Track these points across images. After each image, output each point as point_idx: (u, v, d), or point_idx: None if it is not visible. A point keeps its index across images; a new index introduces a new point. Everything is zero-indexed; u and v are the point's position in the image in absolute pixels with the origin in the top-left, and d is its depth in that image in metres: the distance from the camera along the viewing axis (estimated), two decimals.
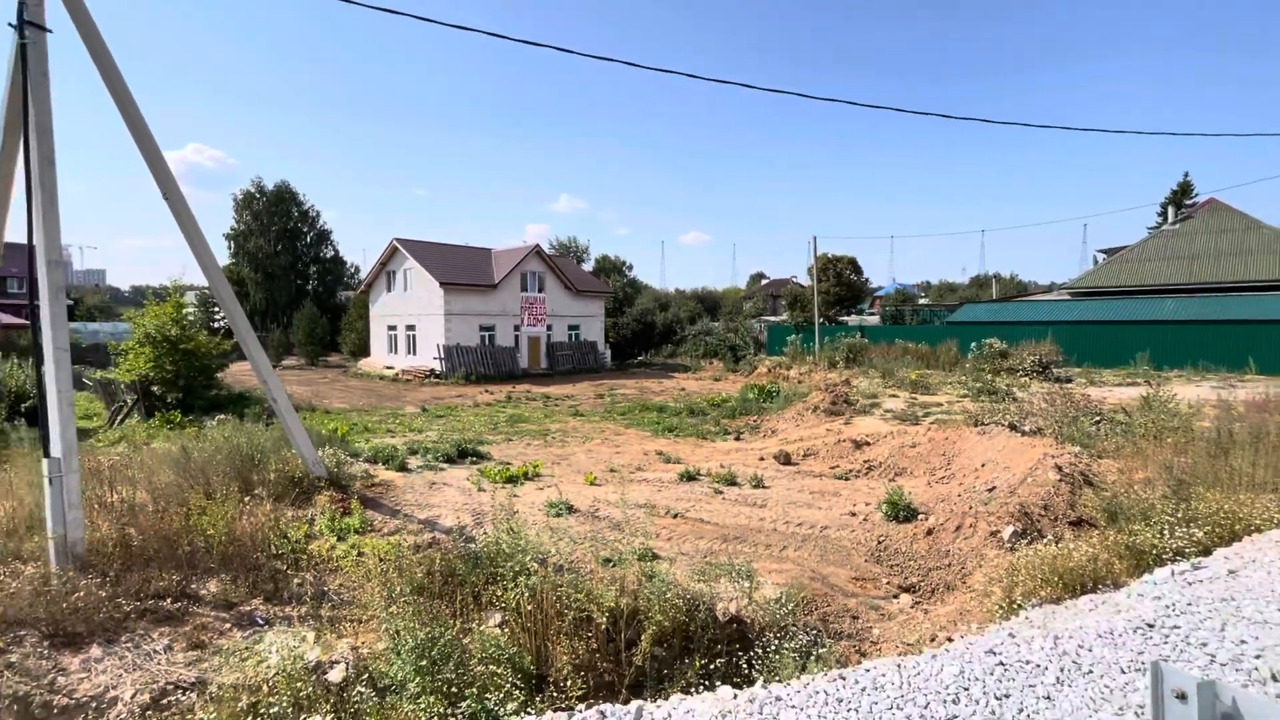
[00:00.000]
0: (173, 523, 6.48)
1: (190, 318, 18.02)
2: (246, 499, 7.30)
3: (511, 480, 10.06)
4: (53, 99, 6.26)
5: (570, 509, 8.59)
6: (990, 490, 8.58)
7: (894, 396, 18.00)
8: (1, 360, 17.27)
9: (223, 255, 52.22)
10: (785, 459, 12.13)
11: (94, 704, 4.60)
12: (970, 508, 8.11)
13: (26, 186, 6.09)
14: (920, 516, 8.58)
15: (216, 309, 46.94)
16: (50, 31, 6.34)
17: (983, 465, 9.98)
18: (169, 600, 5.69)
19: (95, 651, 5.01)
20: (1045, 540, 6.41)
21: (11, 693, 4.55)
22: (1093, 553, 5.30)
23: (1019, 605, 5.02)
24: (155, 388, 16.45)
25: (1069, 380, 20.18)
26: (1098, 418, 11.20)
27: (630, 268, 76.82)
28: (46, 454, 5.96)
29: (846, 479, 10.99)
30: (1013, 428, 11.23)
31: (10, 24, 6.17)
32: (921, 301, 60.45)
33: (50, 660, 4.88)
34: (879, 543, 7.91)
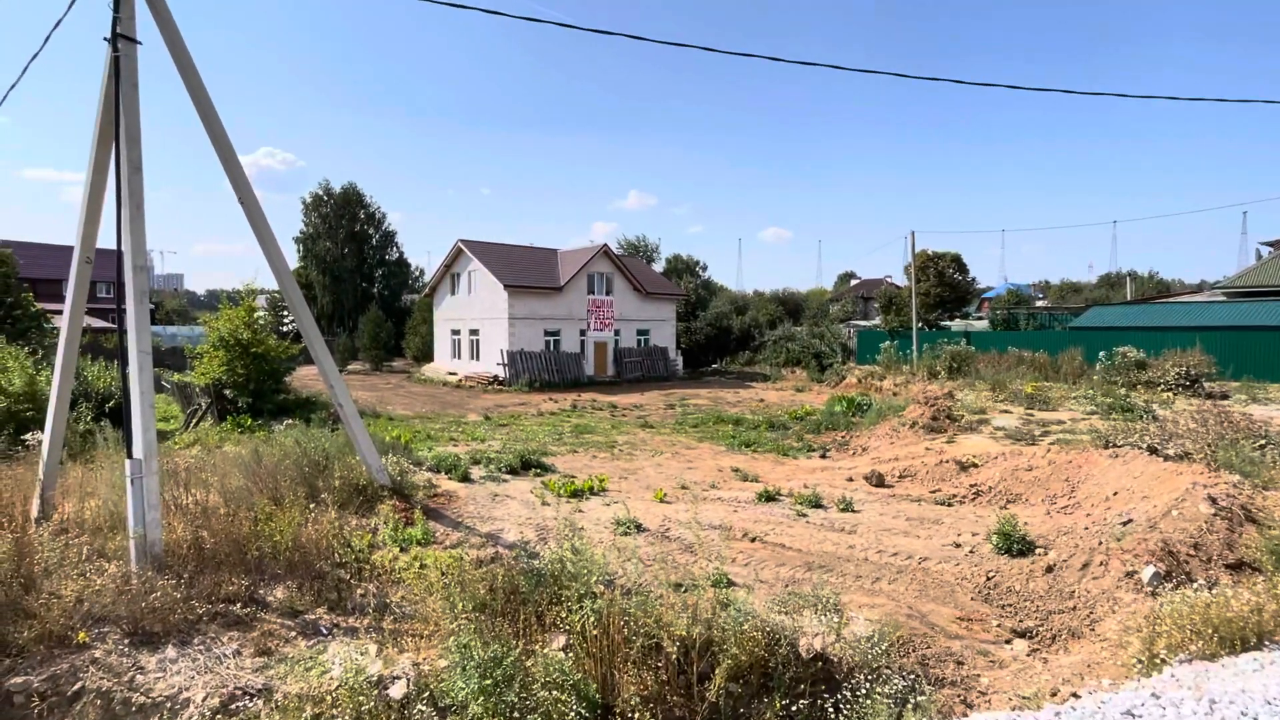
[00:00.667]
0: (242, 527, 6.98)
1: (261, 321, 19.45)
2: (312, 505, 7.76)
3: (576, 494, 10.21)
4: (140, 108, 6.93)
5: (638, 528, 8.61)
6: (1125, 523, 7.98)
7: (1005, 412, 17.12)
8: (90, 362, 19.10)
9: (292, 259, 56.03)
10: (878, 480, 11.73)
11: (169, 704, 4.96)
12: (1100, 543, 7.57)
13: (116, 194, 6.75)
14: (1038, 550, 8.05)
15: (285, 312, 50.33)
16: (140, 44, 7.03)
17: (1115, 494, 9.27)
18: (238, 605, 6.12)
19: (170, 652, 5.43)
20: (1195, 585, 6.01)
21: (96, 688, 4.99)
22: (1257, 602, 4.89)
23: (1162, 660, 4.71)
24: (227, 391, 17.84)
25: (1224, 396, 18.85)
26: (1263, 441, 10.37)
27: (704, 268, 76.52)
28: (130, 455, 6.55)
29: (949, 505, 10.50)
30: (1153, 451, 10.44)
31: (105, 38, 6.88)
32: (1038, 304, 57.10)
33: (130, 658, 5.33)
34: (988, 579, 7.48)
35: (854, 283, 79.78)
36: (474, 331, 35.85)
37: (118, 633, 5.54)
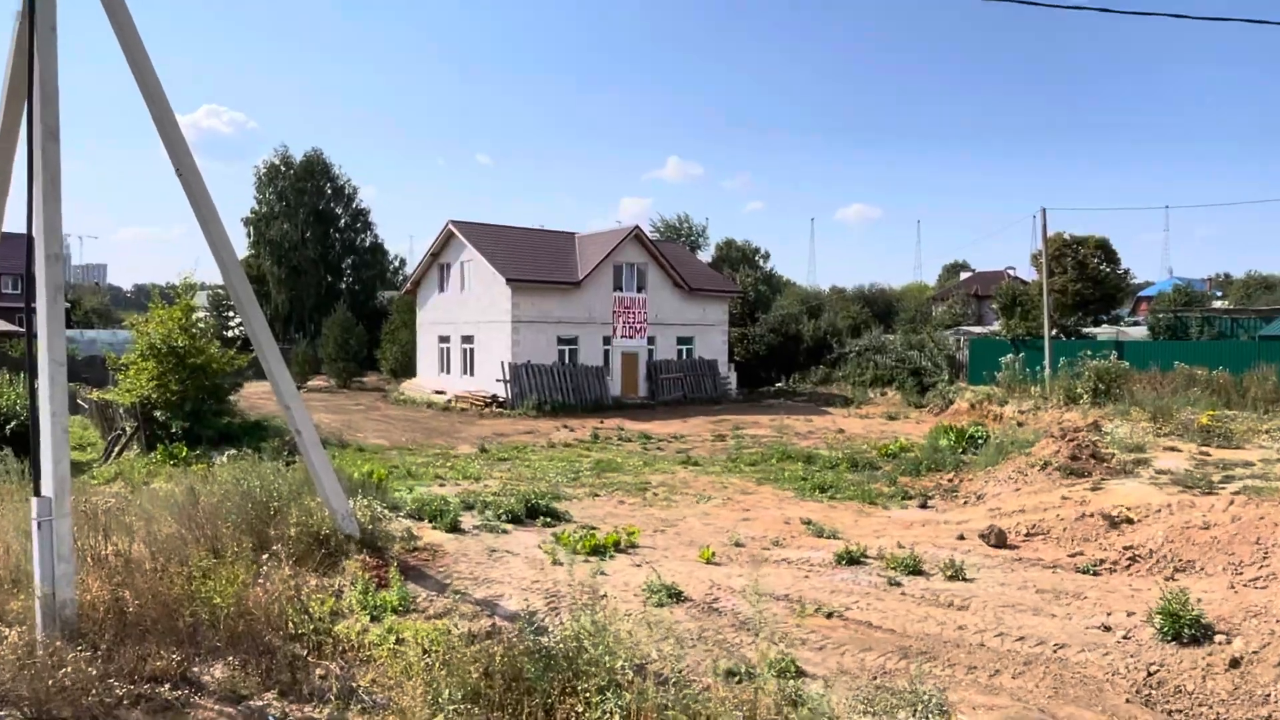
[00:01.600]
0: (174, 586, 7.13)
1: (201, 325, 20.02)
2: (261, 560, 7.90)
3: (597, 552, 10.21)
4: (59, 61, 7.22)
5: (678, 596, 8.58)
6: None
7: (1171, 450, 16.68)
8: None
9: (241, 245, 57.94)
10: (998, 539, 11.51)
11: None
12: None
13: (29, 166, 7.00)
14: (1217, 638, 7.76)
15: (231, 313, 51.92)
16: None
17: None
18: (167, 686, 6.22)
19: None
20: None
21: None
22: None
23: None
24: (158, 412, 18.36)
25: None
26: None
27: (764, 257, 76.57)
28: (37, 492, 6.73)
29: (1095, 573, 10.25)
30: None
31: None
32: (1216, 304, 55.65)
33: None
34: (1149, 674, 7.22)
35: (965, 276, 78.75)
36: (467, 339, 36.35)
37: (15, 717, 5.68)
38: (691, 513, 13.43)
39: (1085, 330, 39.68)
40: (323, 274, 56.01)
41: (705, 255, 67.14)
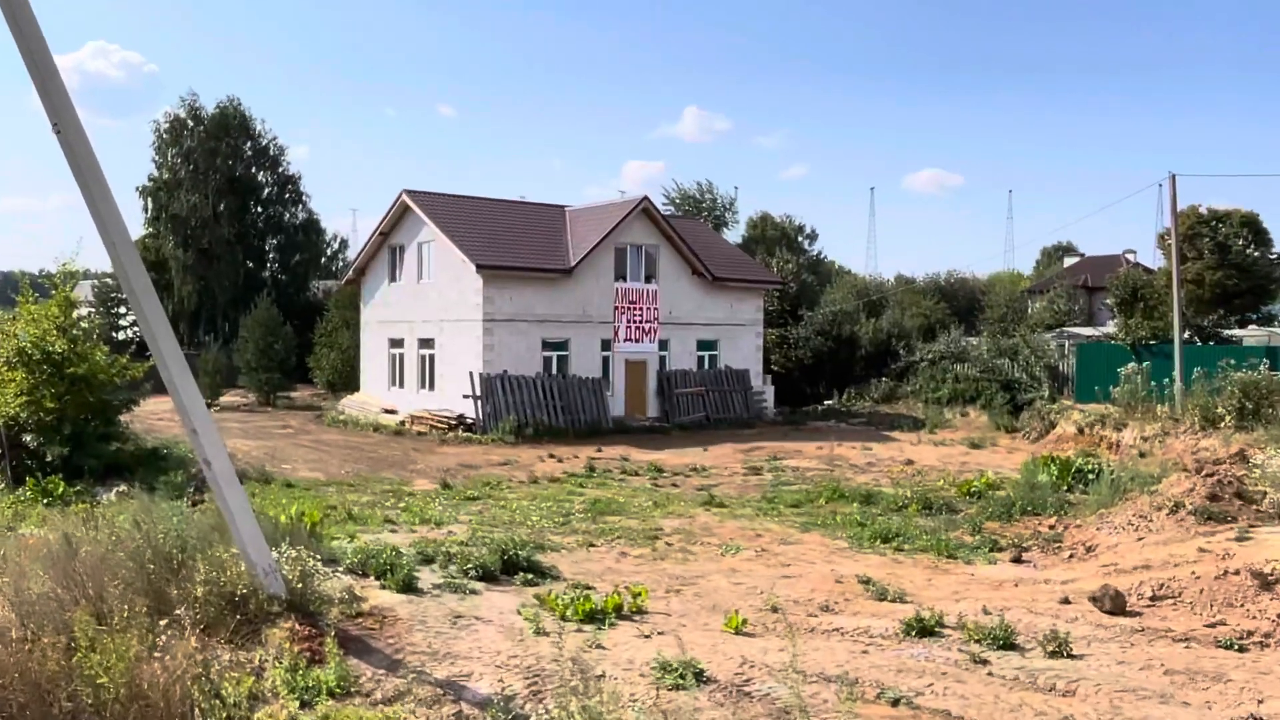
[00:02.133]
0: (47, 662, 7.14)
1: (85, 324, 20.12)
2: (160, 626, 7.91)
3: (594, 618, 10.21)
4: None
5: (699, 677, 8.55)
6: None
7: None
8: None
9: (135, 221, 58.31)
10: (1114, 603, 11.46)
11: None
12: None
13: None
14: None
15: (124, 308, 52.07)
16: None
17: None
18: None
19: None
20: None
21: None
22: None
23: None
24: (29, 436, 18.45)
25: None
26: None
27: (811, 237, 76.80)
28: None
29: (1241, 649, 10.20)
30: None
31: None
32: None
33: None
34: None
35: (1070, 263, 78.76)
36: (426, 342, 36.52)
37: None
38: (715, 568, 13.41)
39: (1228, 332, 39.57)
40: (240, 259, 56.32)
41: (734, 235, 67.36)
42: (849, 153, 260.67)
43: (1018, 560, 14.65)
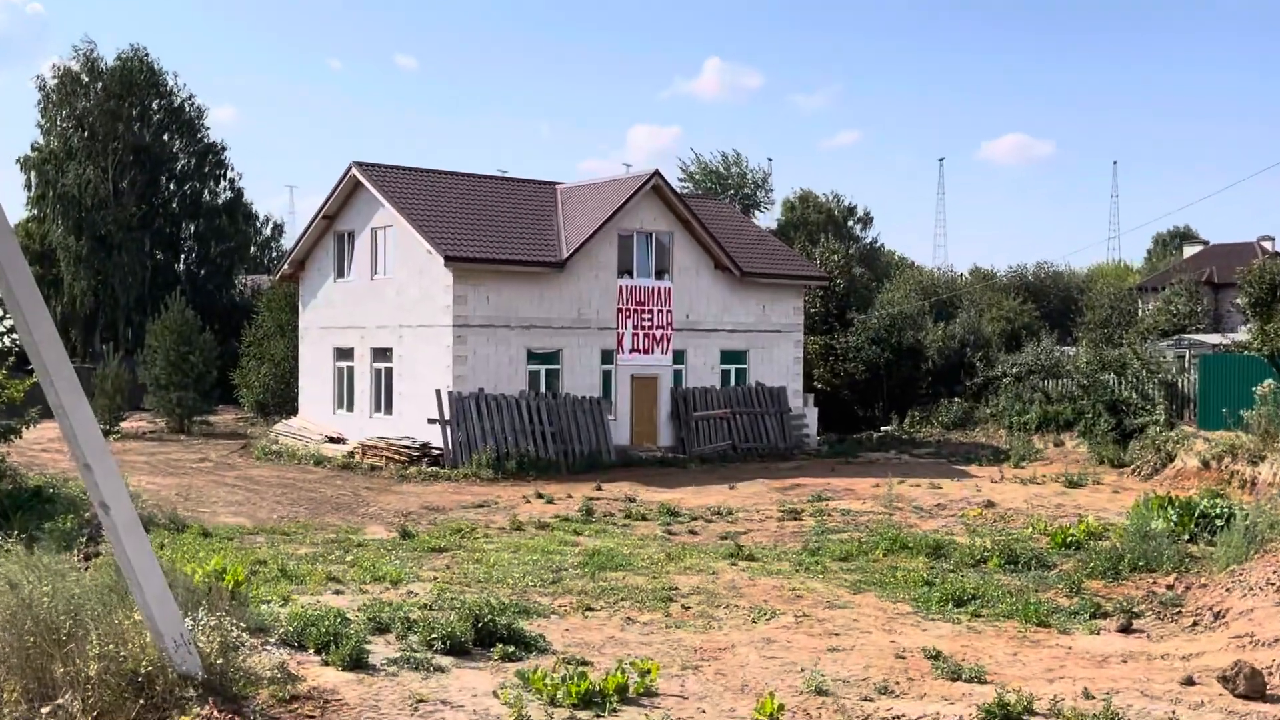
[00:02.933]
0: None
1: None
2: (41, 716, 7.84)
3: (591, 702, 10.12)
4: None
5: None
6: None
7: None
8: None
9: (15, 201, 58.34)
10: (1252, 685, 11.32)
11: None
12: None
13: None
14: None
15: (0, 309, 51.60)
16: None
17: None
18: None
19: None
20: None
21: None
22: None
23: None
24: None
25: None
26: None
27: (864, 220, 76.77)
28: None
29: None
30: None
31: None
32: None
33: None
34: None
35: (1192, 253, 78.59)
36: (382, 353, 36.58)
37: None
38: (744, 638, 13.31)
39: None
40: (148, 248, 56.53)
41: (768, 219, 67.41)
42: (911, 115, 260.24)
43: (1127, 629, 14.51)
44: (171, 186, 58.13)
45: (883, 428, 45.04)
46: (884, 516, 24.22)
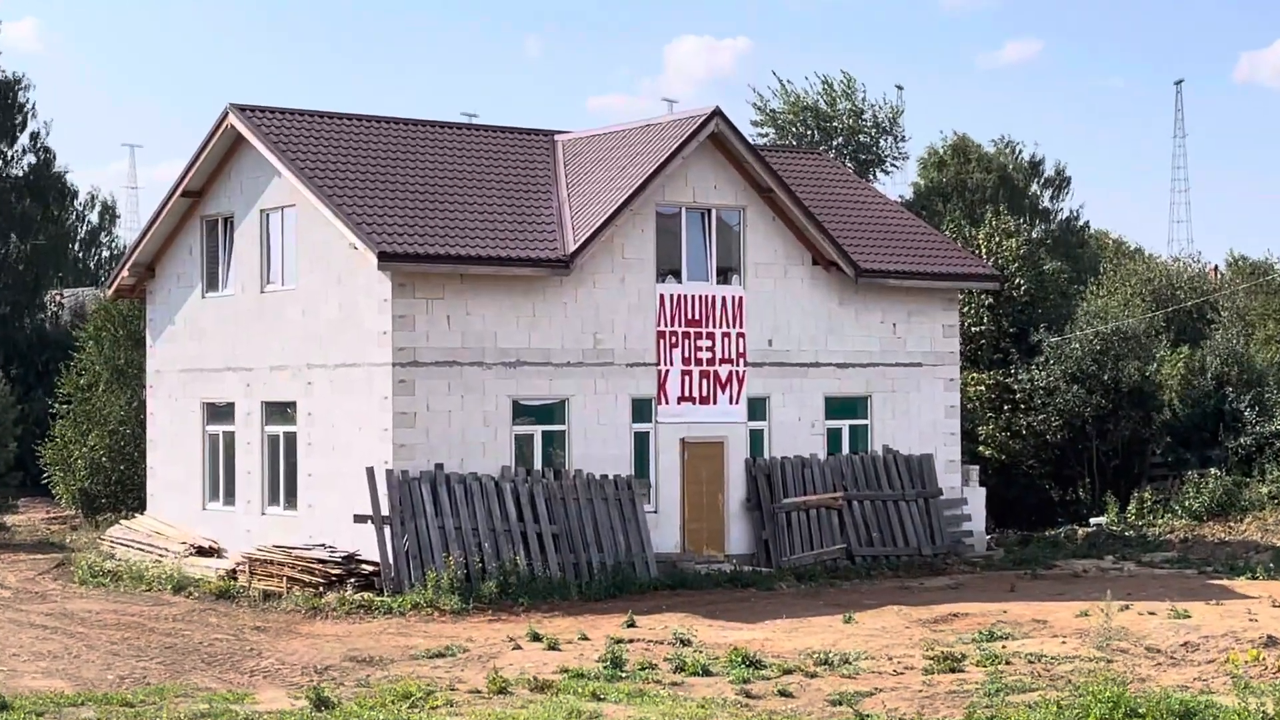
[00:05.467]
0: None
1: None
2: None
3: None
4: None
5: None
6: None
7: None
8: None
9: None
10: None
11: None
12: None
13: None
14: None
15: None
16: None
17: None
18: None
19: None
20: None
21: None
22: None
23: None
24: None
25: None
26: None
27: (1056, 182, 76.71)
28: None
29: None
30: None
31: None
32: None
33: None
34: None
35: None
36: (279, 410, 36.72)
37: None
38: None
39: None
40: None
41: (898, 185, 66.72)
42: (1126, 11, 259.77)
43: None
44: None
45: (1092, 519, 44.62)
46: (1098, 665, 24.02)
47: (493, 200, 36.71)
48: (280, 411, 36.61)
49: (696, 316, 36.99)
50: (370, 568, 32.56)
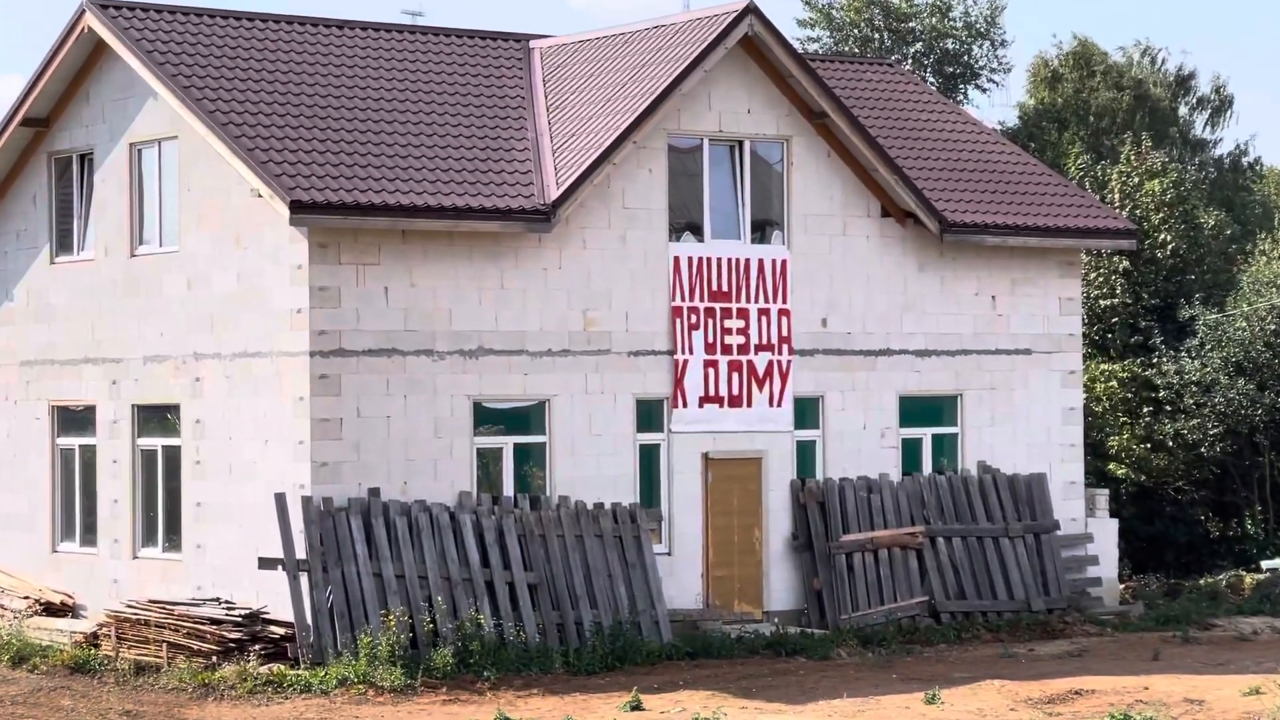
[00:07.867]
0: None
1: None
2: None
3: None
4: None
5: None
6: None
7: None
8: None
9: None
10: None
11: None
12: None
13: None
14: None
15: None
16: None
17: None
18: None
19: None
20: None
21: None
22: None
23: None
24: None
25: None
26: None
27: (1215, 103, 77.18)
28: None
29: None
30: None
31: None
32: None
33: None
34: None
35: None
36: (155, 416, 36.78)
37: None
38: None
39: None
40: None
41: (997, 109, 66.48)
42: None
43: None
44: None
45: (1264, 563, 44.67)
46: None
47: (446, 131, 36.59)
48: (158, 418, 36.54)
49: (724, 288, 36.92)
50: (281, 630, 32.32)
